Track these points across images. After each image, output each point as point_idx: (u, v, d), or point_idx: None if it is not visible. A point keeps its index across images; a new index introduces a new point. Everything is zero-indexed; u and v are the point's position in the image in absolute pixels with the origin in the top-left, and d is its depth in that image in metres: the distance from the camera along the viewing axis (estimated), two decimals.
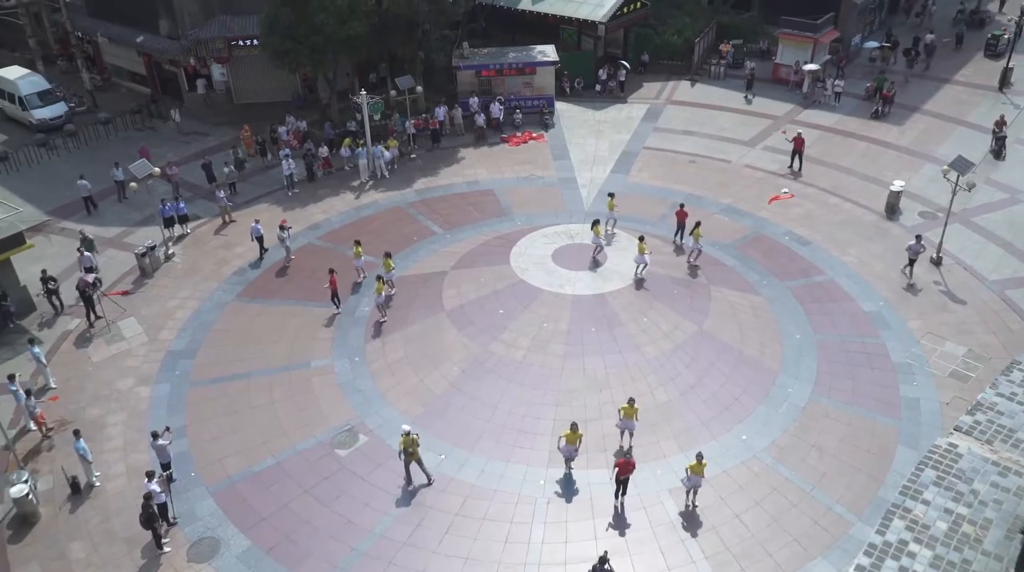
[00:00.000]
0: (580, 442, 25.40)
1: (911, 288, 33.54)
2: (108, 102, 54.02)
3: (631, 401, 26.15)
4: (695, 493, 24.59)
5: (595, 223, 34.89)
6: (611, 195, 37.28)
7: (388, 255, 34.12)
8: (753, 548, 23.39)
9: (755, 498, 24.89)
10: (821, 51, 52.39)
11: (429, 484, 25.73)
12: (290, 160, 42.79)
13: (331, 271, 33.01)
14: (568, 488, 25.54)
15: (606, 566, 21.47)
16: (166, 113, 51.12)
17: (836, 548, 23.25)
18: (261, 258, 37.41)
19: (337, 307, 33.37)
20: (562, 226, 37.75)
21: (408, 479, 25.77)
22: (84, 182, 40.89)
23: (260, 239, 37.27)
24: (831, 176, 42.46)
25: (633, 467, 24.26)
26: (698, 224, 34.68)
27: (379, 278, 32.50)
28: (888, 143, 45.62)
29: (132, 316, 33.66)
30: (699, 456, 24.11)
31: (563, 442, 25.33)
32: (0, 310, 32.69)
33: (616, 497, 24.74)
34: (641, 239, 33.46)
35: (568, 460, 25.85)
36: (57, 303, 33.85)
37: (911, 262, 34.10)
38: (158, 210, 38.27)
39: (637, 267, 33.62)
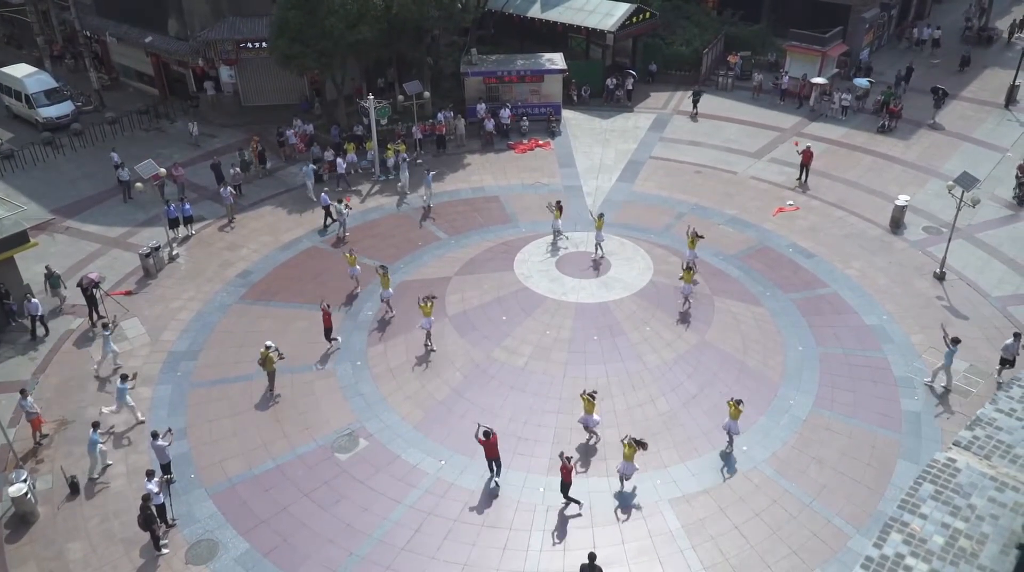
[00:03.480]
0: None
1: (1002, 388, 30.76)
2: (115, 102, 54.14)
3: (592, 395, 26.23)
4: (732, 440, 26.63)
5: (558, 206, 36.93)
6: (600, 215, 36.07)
7: (384, 269, 33.51)
8: (752, 559, 23.32)
9: (755, 509, 24.83)
10: (829, 64, 52.39)
11: (271, 398, 29.12)
12: (345, 158, 44.18)
13: (327, 307, 31.34)
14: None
15: (595, 562, 21.74)
16: (173, 114, 51.19)
17: (834, 561, 23.16)
18: (326, 226, 39.96)
19: (328, 341, 31.49)
20: (566, 234, 37.67)
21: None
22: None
23: (327, 208, 39.93)
24: (836, 189, 42.45)
25: (569, 473, 24.13)
26: (697, 235, 34.30)
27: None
28: (894, 157, 45.59)
29: (135, 316, 33.70)
30: (738, 401, 26.10)
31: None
32: (2, 308, 32.75)
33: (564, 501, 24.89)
34: (687, 269, 32.57)
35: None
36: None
37: (1005, 362, 29.39)
38: (163, 210, 38.43)
39: (686, 298, 32.78)
